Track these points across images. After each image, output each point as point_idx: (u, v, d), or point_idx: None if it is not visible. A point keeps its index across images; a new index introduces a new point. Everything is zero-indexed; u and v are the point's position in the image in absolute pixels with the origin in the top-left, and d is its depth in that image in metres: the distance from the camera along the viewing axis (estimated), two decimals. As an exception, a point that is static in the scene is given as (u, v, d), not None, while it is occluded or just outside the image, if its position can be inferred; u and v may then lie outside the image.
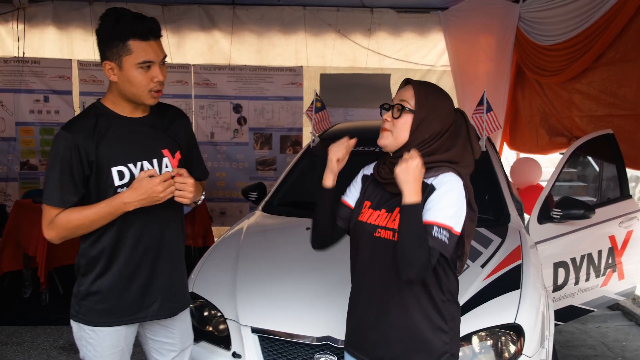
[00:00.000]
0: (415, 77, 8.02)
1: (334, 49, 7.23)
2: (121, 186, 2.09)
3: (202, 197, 2.23)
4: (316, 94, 4.51)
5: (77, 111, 7.05)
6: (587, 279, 3.93)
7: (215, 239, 5.53)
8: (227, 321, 2.74)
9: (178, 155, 2.21)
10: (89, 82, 6.97)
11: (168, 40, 7.05)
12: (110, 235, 2.12)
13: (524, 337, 2.59)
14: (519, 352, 2.57)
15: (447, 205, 1.84)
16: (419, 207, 1.81)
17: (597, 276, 4.01)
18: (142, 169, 2.11)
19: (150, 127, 2.17)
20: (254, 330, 2.65)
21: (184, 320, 2.36)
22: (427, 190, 1.89)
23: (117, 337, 2.19)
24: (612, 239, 4.04)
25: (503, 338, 2.60)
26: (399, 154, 1.94)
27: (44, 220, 2.10)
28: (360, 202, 2.09)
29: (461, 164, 1.94)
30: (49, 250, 4.83)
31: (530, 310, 2.70)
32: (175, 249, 2.25)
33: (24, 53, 6.80)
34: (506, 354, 2.57)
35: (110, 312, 2.16)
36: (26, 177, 6.96)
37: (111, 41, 2.02)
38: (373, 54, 7.25)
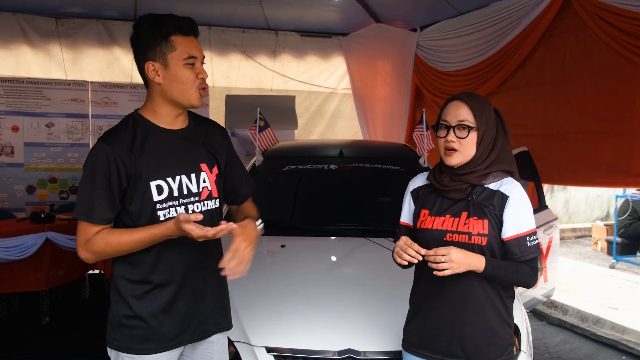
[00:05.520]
0: (318, 100, 8.08)
1: (240, 70, 7.22)
2: (160, 201, 1.97)
3: (261, 225, 2.13)
4: (259, 113, 4.46)
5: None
6: (523, 283, 4.26)
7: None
8: (235, 344, 2.60)
9: (215, 170, 2.12)
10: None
11: (63, 55, 6.56)
12: (151, 257, 1.98)
13: (520, 335, 2.76)
14: (517, 350, 2.73)
15: (527, 212, 2.04)
16: (491, 264, 1.98)
17: (530, 280, 4.36)
18: (180, 183, 2.01)
19: (188, 141, 2.07)
20: (269, 350, 2.53)
21: (222, 344, 2.21)
22: (497, 197, 2.03)
23: None
24: (539, 245, 4.42)
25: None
26: (464, 166, 2.06)
27: (79, 239, 1.90)
28: (417, 213, 2.16)
29: (506, 158, 2.08)
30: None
31: (518, 309, 2.87)
32: (216, 271, 2.12)
33: None
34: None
35: (149, 337, 1.98)
36: None
37: (152, 40, 1.94)
38: (278, 75, 7.33)
